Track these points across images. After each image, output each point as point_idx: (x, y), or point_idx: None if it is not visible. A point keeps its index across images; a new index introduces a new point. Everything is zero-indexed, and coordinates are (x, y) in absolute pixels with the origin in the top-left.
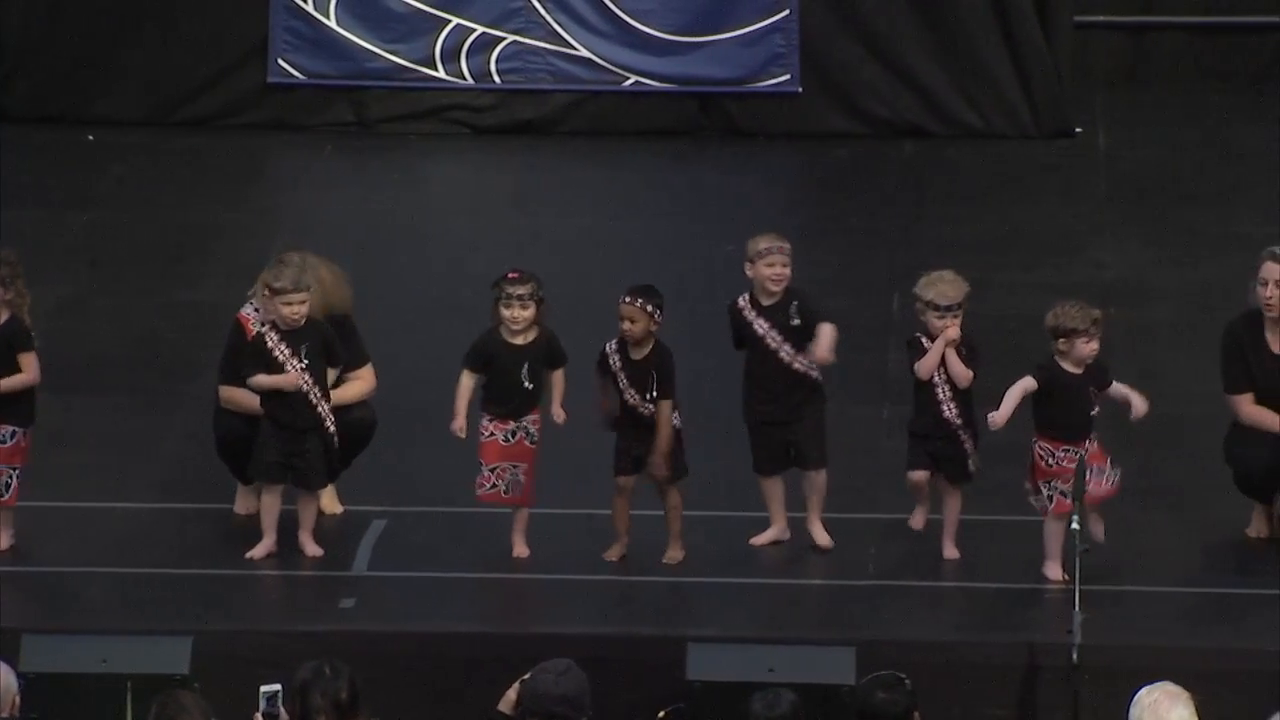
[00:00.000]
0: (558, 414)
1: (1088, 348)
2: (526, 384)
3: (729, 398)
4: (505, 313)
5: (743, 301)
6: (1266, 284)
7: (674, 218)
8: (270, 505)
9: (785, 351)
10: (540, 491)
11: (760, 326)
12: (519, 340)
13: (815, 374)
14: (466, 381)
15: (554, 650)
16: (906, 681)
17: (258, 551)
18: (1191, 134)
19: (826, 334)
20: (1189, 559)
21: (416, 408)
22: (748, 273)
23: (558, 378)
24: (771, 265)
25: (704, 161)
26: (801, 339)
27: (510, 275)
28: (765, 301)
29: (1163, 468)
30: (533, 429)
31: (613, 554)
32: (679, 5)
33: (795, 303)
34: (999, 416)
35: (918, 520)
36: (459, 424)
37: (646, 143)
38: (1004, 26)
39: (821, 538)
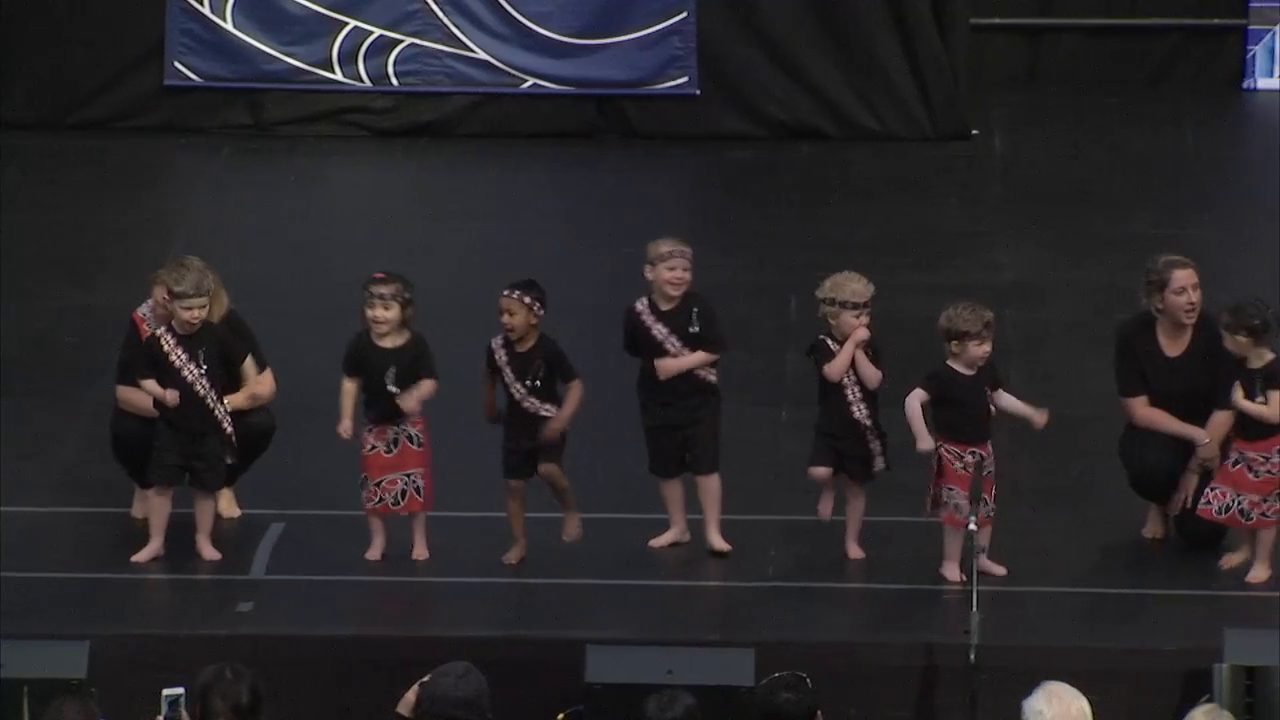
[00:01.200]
0: (408, 405)
1: (979, 350)
2: (391, 388)
3: (627, 400)
4: (369, 313)
5: (641, 306)
6: (1184, 290)
7: (572, 220)
8: (160, 508)
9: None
10: (438, 494)
11: (659, 331)
12: (386, 344)
13: (712, 379)
14: (348, 385)
15: (453, 653)
16: (808, 681)
17: (143, 555)
18: (1087, 136)
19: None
20: (1085, 559)
21: (314, 412)
22: (648, 275)
23: (425, 387)
24: (672, 269)
25: (602, 164)
26: (699, 345)
27: (376, 276)
28: (664, 306)
29: (1058, 469)
30: (414, 431)
31: (511, 557)
32: (576, 8)
33: (695, 309)
34: (924, 441)
35: (825, 507)
36: (344, 426)
37: (544, 145)
38: (901, 29)
39: (718, 544)
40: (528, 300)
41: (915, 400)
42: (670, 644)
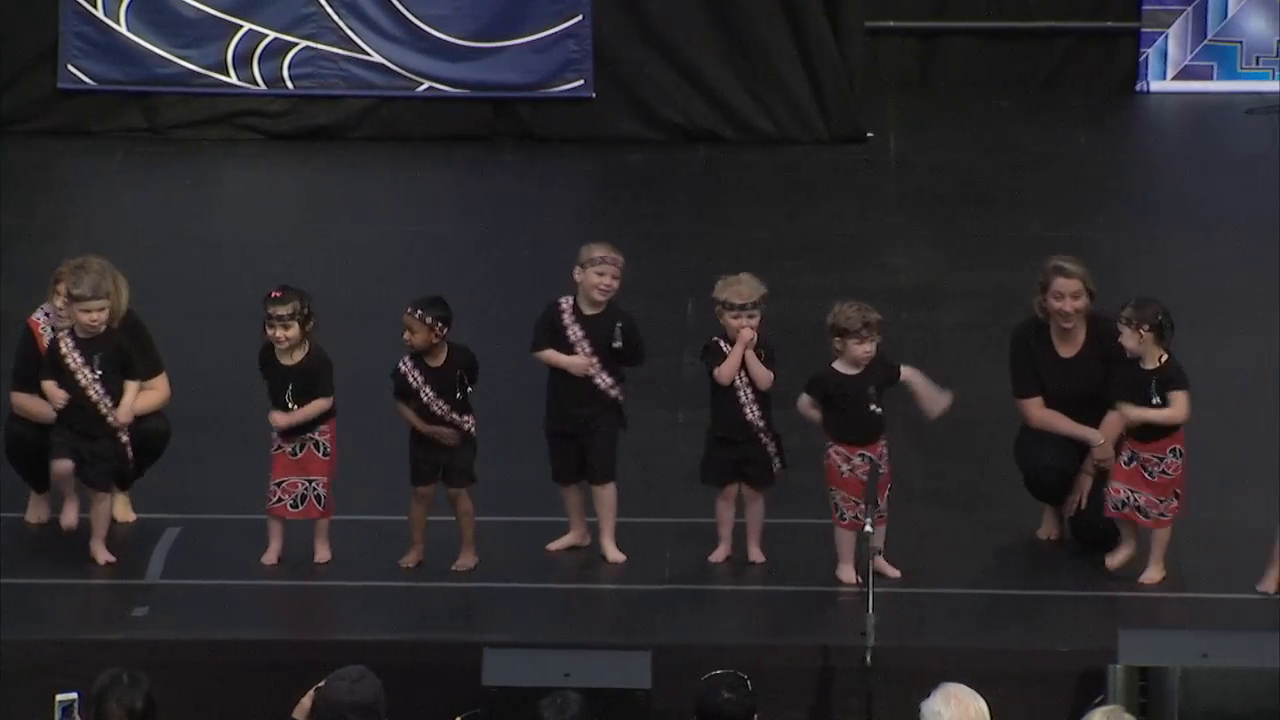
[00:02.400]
0: (278, 421)
1: (860, 349)
2: (290, 405)
3: (525, 403)
4: (269, 332)
5: (565, 304)
6: (1063, 297)
7: (468, 223)
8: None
9: (593, 365)
10: (337, 496)
11: (574, 333)
12: (286, 360)
13: (615, 393)
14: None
15: (350, 657)
16: (748, 682)
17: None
18: (982, 139)
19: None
20: (980, 561)
21: (210, 416)
22: (576, 277)
23: (311, 407)
24: (602, 275)
25: (498, 167)
26: (616, 359)
27: (273, 294)
28: (588, 311)
29: (953, 470)
30: (322, 440)
31: (409, 560)
32: (472, 11)
33: (620, 325)
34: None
35: (720, 553)
36: (273, 415)
37: (440, 148)
38: (796, 32)
39: (613, 554)
40: (429, 320)
41: (808, 404)
42: (567, 647)
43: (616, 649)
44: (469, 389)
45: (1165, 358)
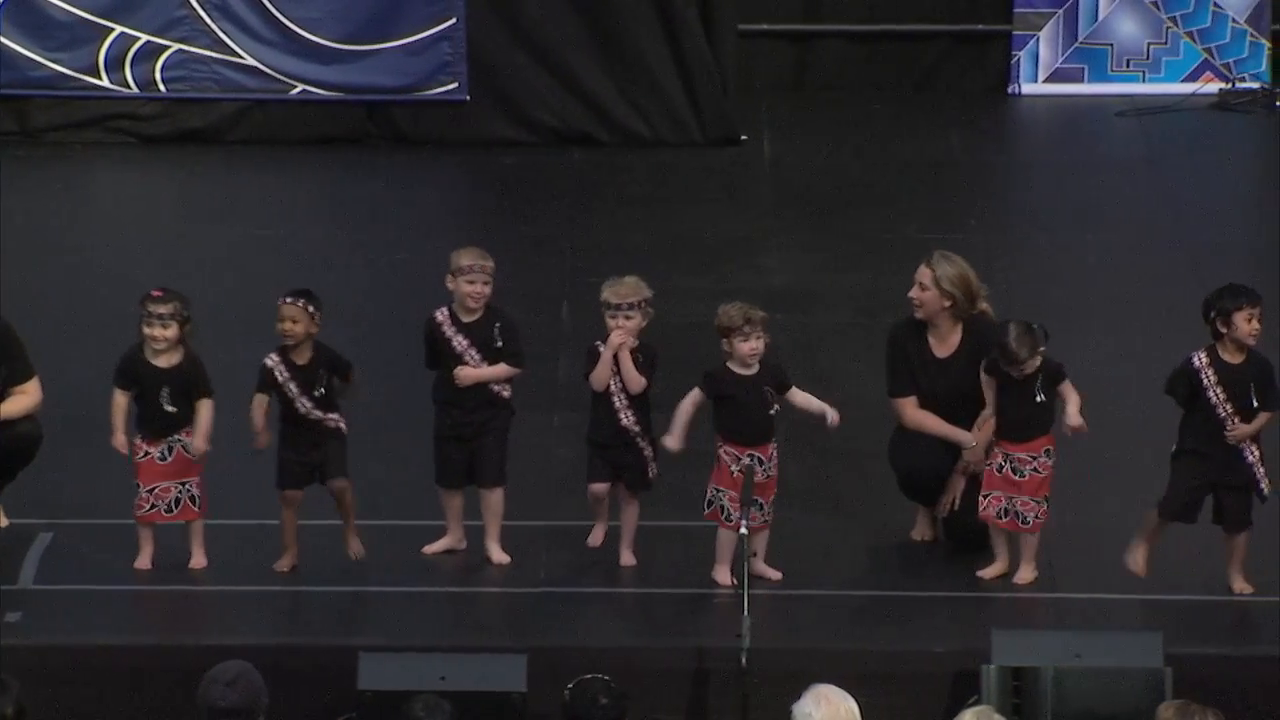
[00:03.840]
0: (198, 447)
1: (746, 346)
2: (168, 407)
3: (397, 406)
4: (146, 331)
5: (441, 316)
6: (914, 285)
7: (343, 227)
8: None
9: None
10: (211, 500)
11: (459, 343)
12: (160, 362)
13: (506, 394)
14: (119, 399)
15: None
16: (618, 686)
17: None
18: (855, 141)
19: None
20: (854, 562)
21: (82, 420)
22: (448, 285)
23: (202, 408)
24: (472, 283)
25: (372, 170)
26: (499, 360)
27: (153, 294)
28: (466, 319)
29: (828, 471)
30: (189, 440)
31: (283, 565)
32: (345, 14)
33: (499, 325)
34: (672, 439)
35: (596, 537)
36: (118, 440)
37: (314, 151)
38: (669, 35)
39: (498, 557)
40: (311, 310)
41: (689, 401)
42: (443, 650)
43: (492, 652)
44: (333, 388)
45: (1040, 359)
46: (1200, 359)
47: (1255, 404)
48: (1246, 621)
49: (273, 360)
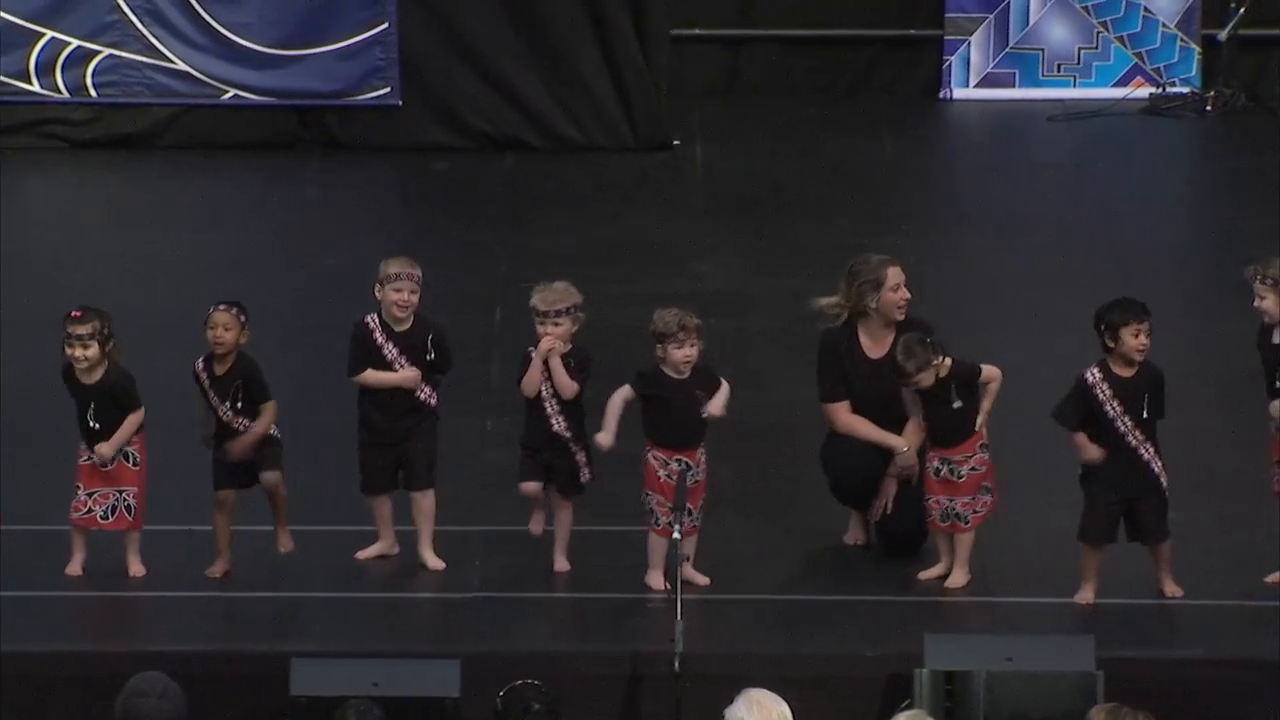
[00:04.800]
0: (102, 453)
1: (680, 353)
2: (93, 424)
3: (331, 410)
4: (68, 351)
5: (372, 321)
6: (899, 288)
7: (275, 232)
8: None
9: (420, 378)
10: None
11: (390, 351)
12: (87, 380)
13: (432, 401)
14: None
15: (157, 668)
16: (551, 691)
17: None
18: (787, 146)
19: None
20: (787, 566)
21: (12, 426)
22: (376, 294)
23: (128, 421)
24: (399, 291)
25: (304, 175)
26: (430, 369)
27: (73, 314)
28: (397, 327)
29: (760, 475)
30: (132, 450)
31: (215, 570)
32: (277, 18)
33: (431, 337)
34: (604, 436)
35: (536, 525)
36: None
37: (246, 156)
38: (601, 40)
39: (431, 561)
40: (243, 319)
41: (619, 396)
42: (376, 656)
43: (425, 657)
44: (249, 401)
45: (950, 362)
46: (1093, 375)
47: (1145, 415)
48: (1177, 625)
49: (198, 367)
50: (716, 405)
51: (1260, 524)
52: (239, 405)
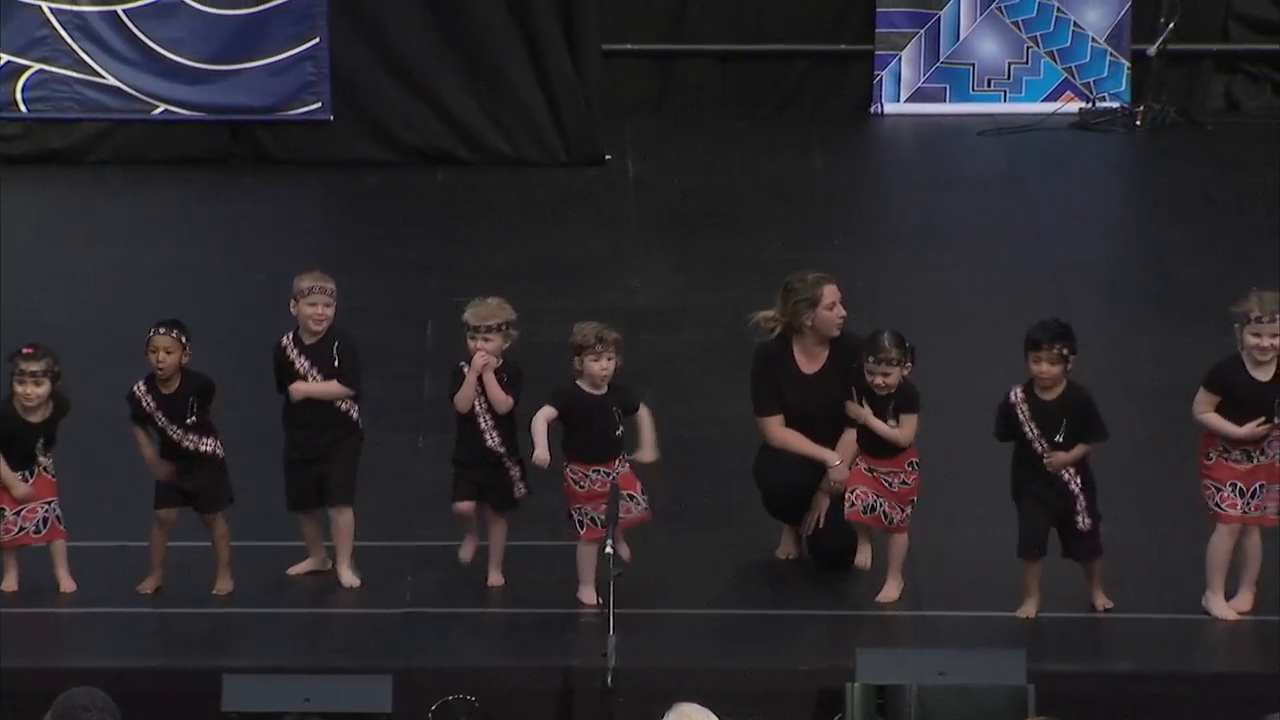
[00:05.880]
0: (26, 495)
1: (597, 366)
2: (42, 459)
3: (260, 428)
4: (18, 389)
5: (287, 340)
6: (834, 306)
7: (206, 247)
8: None
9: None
10: (74, 523)
11: (302, 365)
12: (33, 418)
13: (355, 415)
14: None
15: (90, 684)
16: (481, 706)
17: None
18: (719, 161)
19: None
20: (720, 581)
21: None
22: (292, 310)
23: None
24: (314, 305)
25: (236, 190)
26: (340, 379)
27: (24, 351)
28: (308, 340)
29: (693, 490)
30: (45, 461)
31: (147, 586)
32: (208, 34)
33: (336, 344)
34: (541, 454)
35: (466, 552)
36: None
37: (177, 172)
38: (533, 54)
39: (349, 579)
40: (184, 340)
41: (541, 416)
42: (308, 672)
43: (357, 673)
44: (204, 413)
45: (902, 381)
46: (1016, 394)
47: (1061, 439)
48: (1108, 638)
49: (139, 390)
50: (647, 452)
51: (1189, 538)
52: (190, 422)
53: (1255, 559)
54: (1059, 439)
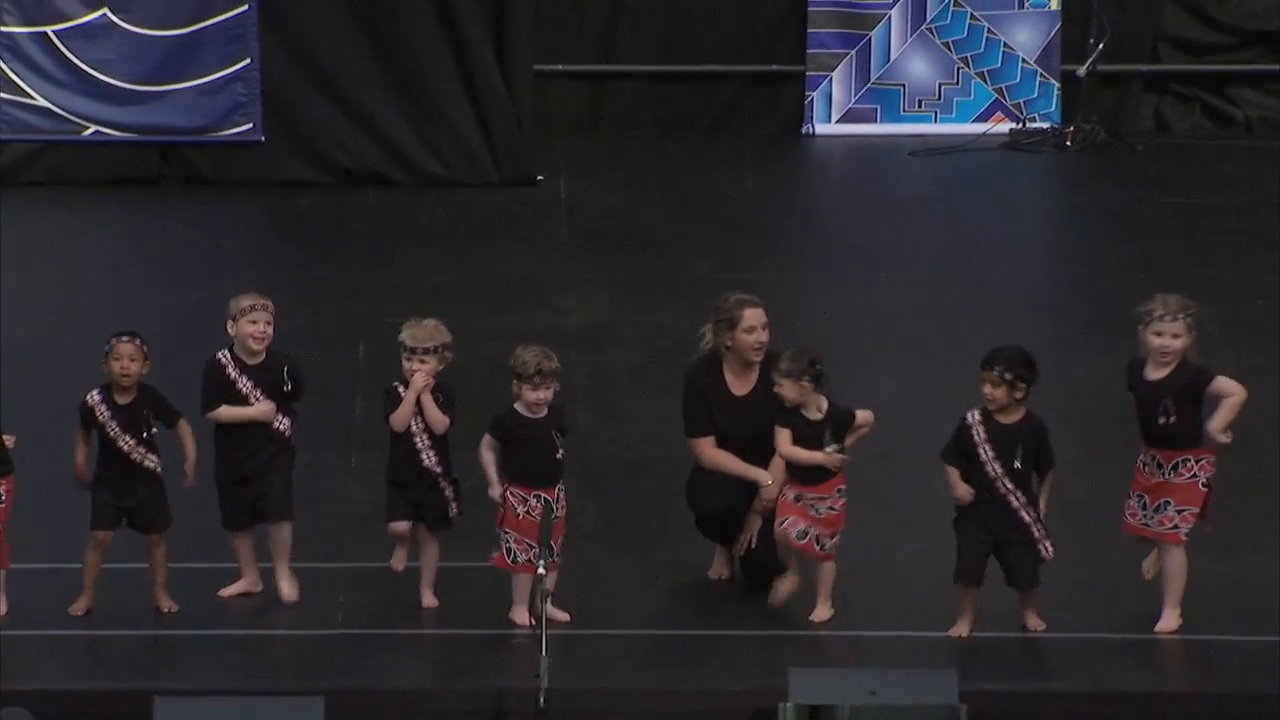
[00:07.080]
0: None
1: (534, 395)
2: None
3: (197, 447)
4: None
5: (224, 357)
6: (754, 330)
7: (138, 268)
8: None
9: (274, 410)
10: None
11: (244, 385)
12: None
13: (289, 432)
14: None
15: (20, 706)
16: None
17: None
18: (651, 181)
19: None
20: (652, 601)
21: None
22: (229, 330)
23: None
24: (254, 324)
25: (167, 211)
26: (285, 400)
27: None
28: (250, 360)
29: (625, 510)
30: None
31: (79, 607)
32: (138, 55)
33: (286, 368)
34: (494, 489)
35: (398, 561)
36: None
37: (108, 193)
38: (465, 75)
39: (288, 593)
40: (146, 350)
41: (485, 446)
42: (240, 694)
43: (289, 695)
44: (153, 429)
45: (827, 405)
46: (973, 416)
47: (1019, 465)
48: (1039, 658)
49: (94, 399)
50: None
51: (1121, 558)
52: (144, 435)
53: (1177, 579)
54: (1017, 465)
